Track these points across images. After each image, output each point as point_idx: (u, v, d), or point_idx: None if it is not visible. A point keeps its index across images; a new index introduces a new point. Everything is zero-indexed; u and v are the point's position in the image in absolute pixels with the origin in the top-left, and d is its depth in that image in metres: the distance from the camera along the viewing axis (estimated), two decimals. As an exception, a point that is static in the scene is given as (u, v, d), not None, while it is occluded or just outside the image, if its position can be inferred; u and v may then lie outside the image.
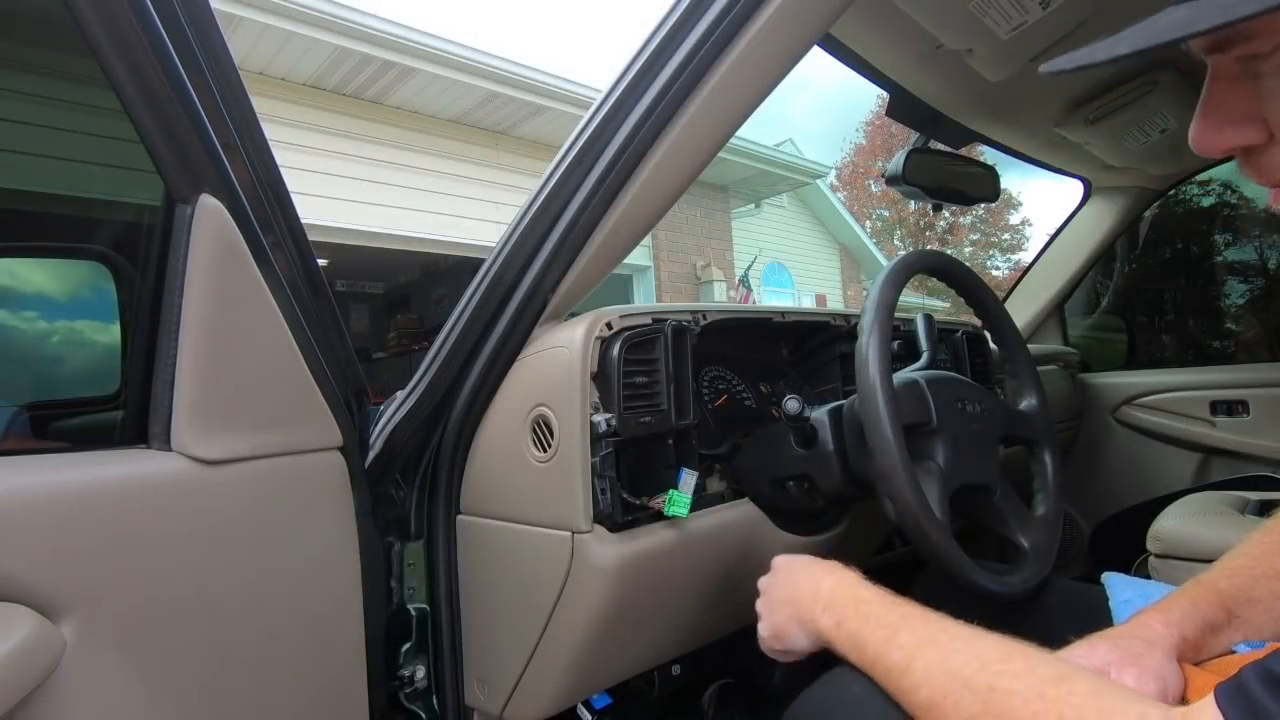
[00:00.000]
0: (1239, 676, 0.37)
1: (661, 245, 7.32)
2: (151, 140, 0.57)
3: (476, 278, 0.89)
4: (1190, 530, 1.22)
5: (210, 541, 0.61)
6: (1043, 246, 2.05)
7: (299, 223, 0.70)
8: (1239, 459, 1.70)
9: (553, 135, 6.13)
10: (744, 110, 0.78)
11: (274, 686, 0.68)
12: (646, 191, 0.80)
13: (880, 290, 0.82)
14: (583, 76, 10.17)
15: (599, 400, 0.79)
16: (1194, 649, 0.57)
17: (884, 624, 0.57)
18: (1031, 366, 0.99)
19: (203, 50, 0.59)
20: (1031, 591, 0.80)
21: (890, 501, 0.74)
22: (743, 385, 1.08)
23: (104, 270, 0.72)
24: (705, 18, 0.72)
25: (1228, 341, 2.06)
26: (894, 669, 0.53)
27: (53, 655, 0.50)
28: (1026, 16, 1.05)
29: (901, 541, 1.44)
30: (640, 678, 1.03)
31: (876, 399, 0.74)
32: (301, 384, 0.70)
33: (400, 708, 0.90)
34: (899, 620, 0.57)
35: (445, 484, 0.91)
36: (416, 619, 0.91)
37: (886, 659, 0.55)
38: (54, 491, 0.53)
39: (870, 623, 0.59)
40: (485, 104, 5.66)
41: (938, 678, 0.50)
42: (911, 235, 20.24)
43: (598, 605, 0.78)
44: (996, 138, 1.55)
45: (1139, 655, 0.54)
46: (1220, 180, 1.97)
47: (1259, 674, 0.36)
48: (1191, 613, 0.58)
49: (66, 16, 0.51)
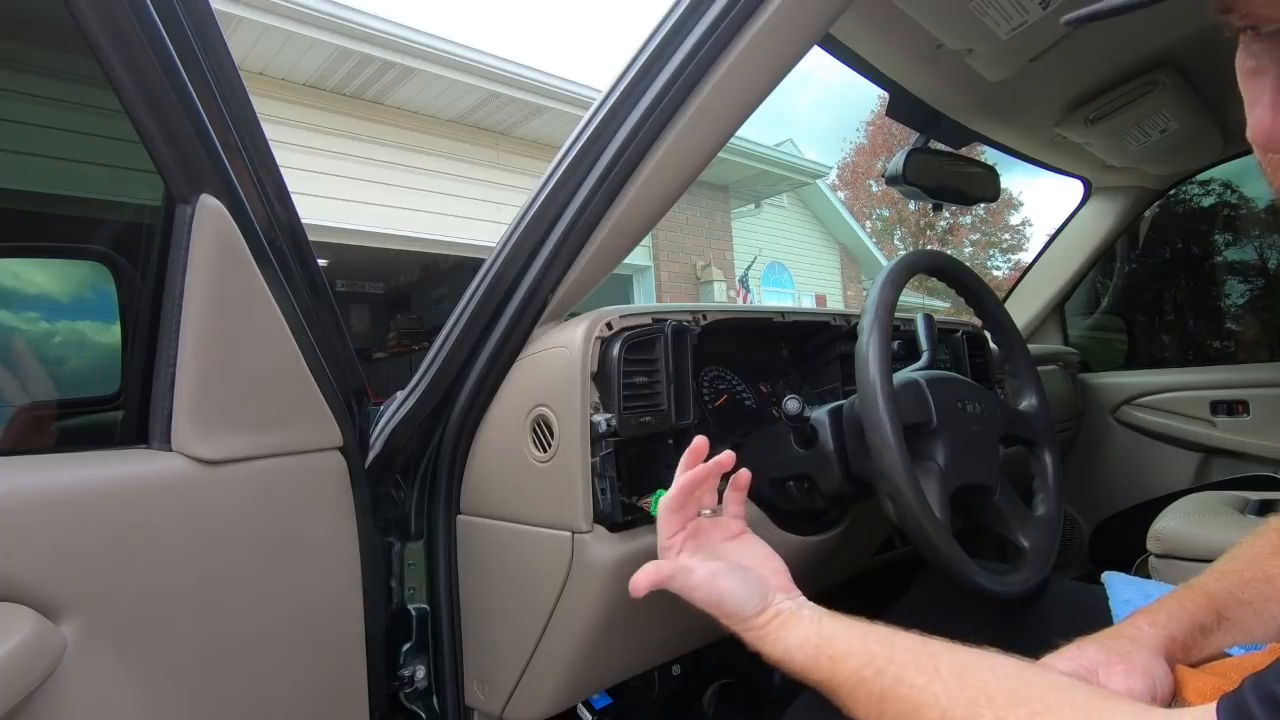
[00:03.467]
0: (1240, 692, 0.36)
1: (661, 245, 7.32)
2: (151, 140, 0.57)
3: (476, 278, 0.89)
4: (1190, 530, 1.22)
5: (210, 541, 0.61)
6: (1043, 246, 2.05)
7: (299, 223, 0.70)
8: (1239, 459, 1.70)
9: (553, 135, 6.13)
10: (744, 110, 0.78)
11: (274, 686, 0.68)
12: (646, 191, 0.80)
13: (880, 290, 0.82)
14: (583, 76, 10.18)
15: (599, 400, 0.79)
16: (1183, 649, 0.57)
17: (842, 672, 0.53)
18: (1031, 366, 0.99)
19: (203, 50, 0.59)
20: (1031, 591, 0.80)
21: (890, 501, 0.74)
22: (743, 385, 1.08)
23: (104, 270, 0.72)
24: (705, 18, 0.72)
25: (1228, 341, 2.06)
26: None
27: (53, 655, 0.50)
28: (1026, 16, 1.05)
29: (901, 541, 1.44)
30: (640, 678, 1.03)
31: (876, 399, 0.74)
32: (302, 384, 0.70)
33: (400, 708, 0.90)
34: (862, 666, 0.52)
35: (445, 484, 0.91)
36: (416, 619, 0.91)
37: (855, 708, 0.51)
38: (54, 491, 0.53)
39: (831, 674, 0.54)
40: (485, 104, 5.66)
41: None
42: (912, 235, 20.24)
43: (598, 605, 0.78)
44: (996, 138, 1.55)
45: (1126, 654, 0.54)
46: (1220, 180, 1.97)
47: (1261, 696, 0.35)
48: (1179, 614, 0.58)
49: (66, 16, 0.51)
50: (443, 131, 5.76)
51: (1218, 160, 1.77)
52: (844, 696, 0.52)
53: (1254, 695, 0.35)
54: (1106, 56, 1.27)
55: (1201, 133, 1.54)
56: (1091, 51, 1.23)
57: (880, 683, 0.50)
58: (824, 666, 0.54)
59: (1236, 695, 0.36)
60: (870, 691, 0.50)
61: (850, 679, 0.52)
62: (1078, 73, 1.32)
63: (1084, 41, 1.15)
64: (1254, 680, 0.36)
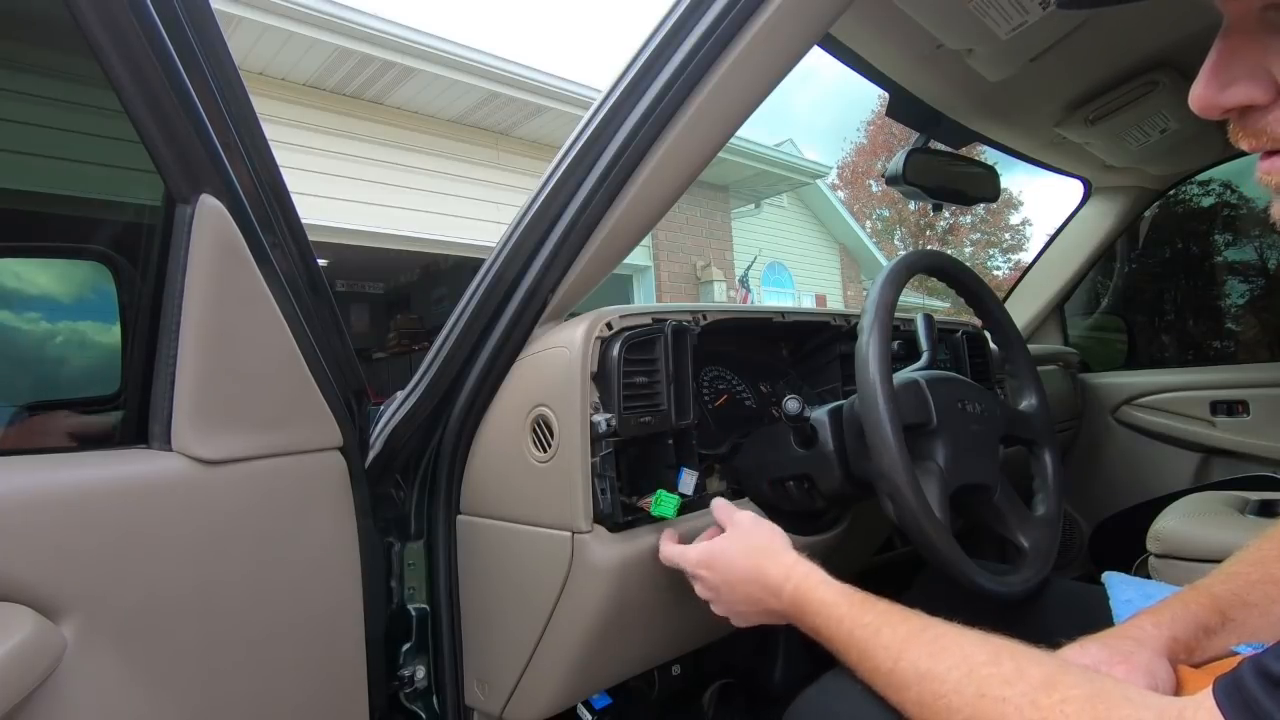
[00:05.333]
0: (1236, 672, 0.37)
1: (661, 245, 7.32)
2: (151, 140, 0.57)
3: (476, 278, 0.89)
4: (1190, 530, 1.22)
5: (210, 541, 0.61)
6: (1043, 246, 2.05)
7: (299, 223, 0.70)
8: (1239, 459, 1.70)
9: (553, 135, 6.13)
10: (744, 110, 0.78)
11: (274, 686, 0.68)
12: (646, 191, 0.80)
13: (880, 290, 0.82)
14: (583, 76, 10.18)
15: (599, 400, 0.79)
16: (1186, 650, 0.57)
17: (861, 624, 0.56)
18: (1031, 366, 0.99)
19: (203, 50, 0.59)
20: (1031, 591, 0.80)
21: (890, 501, 0.74)
22: (743, 385, 1.08)
23: (104, 270, 0.72)
24: (705, 18, 0.72)
25: (1228, 341, 2.06)
26: (879, 670, 0.53)
27: (53, 655, 0.50)
28: (1026, 16, 1.05)
29: (901, 541, 1.44)
30: (640, 678, 1.03)
31: (876, 399, 0.74)
32: (301, 384, 0.70)
33: (400, 708, 0.90)
34: (877, 620, 0.56)
35: (445, 484, 0.91)
36: (416, 619, 0.91)
37: (871, 660, 0.54)
38: (54, 491, 0.53)
39: (845, 624, 0.58)
40: (485, 104, 5.66)
41: (925, 680, 0.49)
42: (912, 235, 20.24)
43: (598, 605, 0.78)
44: (996, 138, 1.55)
45: (1129, 654, 0.54)
46: (1220, 180, 1.97)
47: (1256, 671, 0.36)
48: (1183, 615, 0.58)
49: (66, 16, 0.51)
50: (443, 131, 5.76)
51: (1218, 160, 1.76)
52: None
53: (1250, 671, 0.36)
54: (1106, 56, 1.27)
55: (1201, 133, 1.54)
56: (1091, 51, 1.23)
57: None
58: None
59: (1233, 673, 0.37)
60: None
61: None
62: (1078, 73, 1.32)
63: (1084, 42, 1.15)
64: (1251, 659, 0.37)
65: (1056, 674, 0.45)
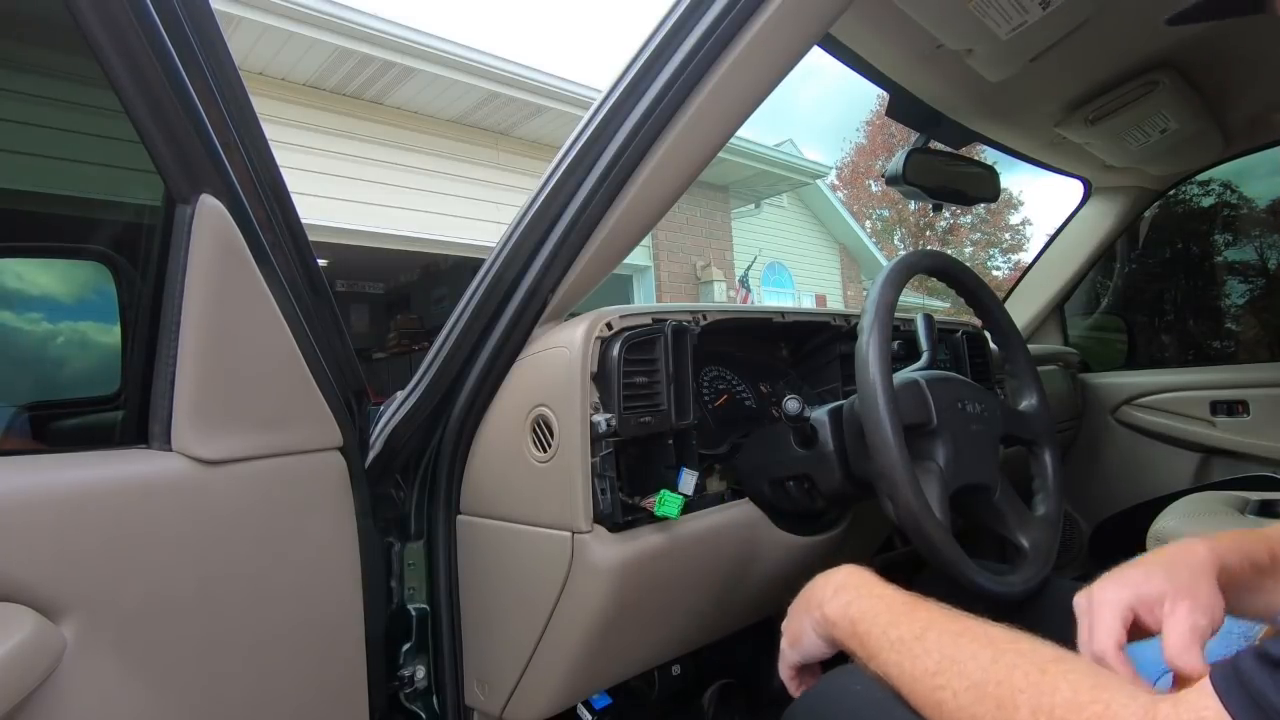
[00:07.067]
0: (1234, 660, 0.37)
1: (661, 245, 7.32)
2: (151, 140, 0.57)
3: (476, 278, 0.89)
4: (1190, 530, 1.21)
5: (210, 541, 0.61)
6: (1043, 246, 2.05)
7: (299, 223, 0.70)
8: (1239, 459, 1.70)
9: (553, 135, 6.13)
10: (744, 110, 0.78)
11: (274, 686, 0.68)
12: (646, 191, 0.80)
13: (880, 290, 0.82)
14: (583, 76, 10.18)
15: (599, 400, 0.79)
16: (1235, 582, 0.56)
17: (895, 604, 0.59)
18: (1031, 366, 0.99)
19: (203, 50, 0.59)
20: (1032, 591, 0.80)
21: (890, 501, 0.74)
22: (743, 385, 1.08)
23: (104, 270, 0.72)
24: (705, 18, 0.72)
25: (1228, 341, 2.07)
26: (903, 639, 0.55)
27: (53, 655, 0.50)
28: (1026, 16, 1.05)
29: (901, 541, 1.44)
30: (640, 678, 1.03)
31: (876, 399, 0.74)
32: (301, 384, 0.70)
33: (400, 708, 0.90)
34: (911, 601, 0.59)
35: (445, 484, 0.91)
36: (416, 619, 0.91)
37: (896, 629, 0.56)
38: (54, 491, 0.53)
39: (883, 601, 0.60)
40: (485, 104, 5.66)
41: (947, 648, 0.52)
42: (912, 235, 20.24)
43: (598, 605, 0.78)
44: (996, 138, 1.55)
45: (1191, 589, 0.53)
46: (1220, 180, 1.97)
47: (1254, 655, 0.36)
48: (1235, 546, 0.57)
49: (66, 16, 0.51)
50: (443, 131, 5.76)
51: (1218, 160, 1.76)
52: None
53: (1249, 657, 0.36)
54: (1106, 56, 1.27)
55: (1201, 133, 1.54)
56: (1091, 52, 1.23)
57: None
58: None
59: (1232, 663, 0.37)
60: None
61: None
62: (1078, 73, 1.32)
63: (1084, 42, 1.15)
64: (1249, 649, 0.37)
65: (1067, 654, 0.48)
